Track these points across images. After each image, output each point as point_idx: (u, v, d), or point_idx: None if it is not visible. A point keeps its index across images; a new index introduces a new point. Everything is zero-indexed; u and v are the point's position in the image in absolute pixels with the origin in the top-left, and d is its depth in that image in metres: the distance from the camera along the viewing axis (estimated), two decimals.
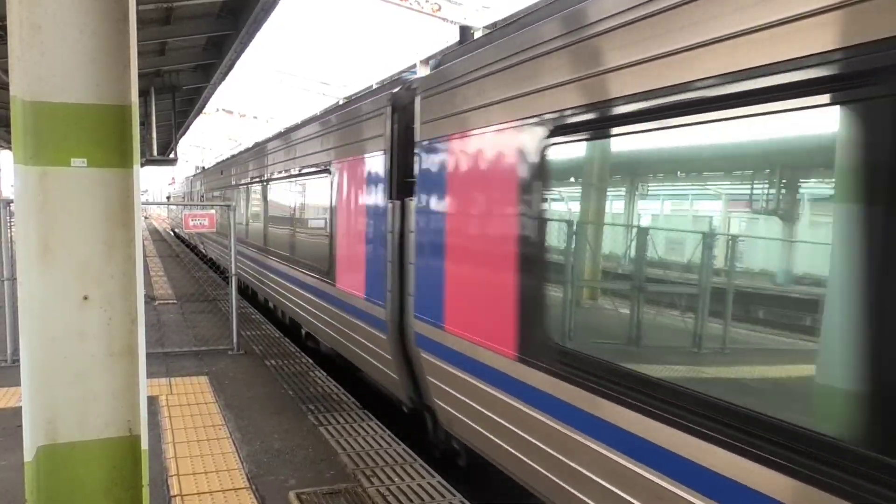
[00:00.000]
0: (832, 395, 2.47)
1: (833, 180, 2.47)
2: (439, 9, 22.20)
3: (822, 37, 2.35)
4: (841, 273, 2.39)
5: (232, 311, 9.64)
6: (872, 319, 2.26)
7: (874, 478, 2.21)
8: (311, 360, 9.05)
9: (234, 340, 9.47)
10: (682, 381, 3.00)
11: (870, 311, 2.27)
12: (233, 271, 9.87)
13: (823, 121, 2.47)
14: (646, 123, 3.15)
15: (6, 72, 3.35)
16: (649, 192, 3.43)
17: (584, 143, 3.73)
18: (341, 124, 7.78)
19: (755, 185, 2.87)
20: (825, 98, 2.39)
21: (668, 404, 2.99)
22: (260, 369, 8.51)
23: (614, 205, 3.73)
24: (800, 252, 2.70)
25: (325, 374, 8.35)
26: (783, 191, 2.71)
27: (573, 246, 3.94)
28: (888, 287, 2.22)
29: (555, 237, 4.02)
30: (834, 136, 2.42)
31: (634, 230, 3.46)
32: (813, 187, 2.75)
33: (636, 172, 3.48)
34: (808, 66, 2.40)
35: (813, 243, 2.64)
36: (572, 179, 4.07)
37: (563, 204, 4.02)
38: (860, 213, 2.29)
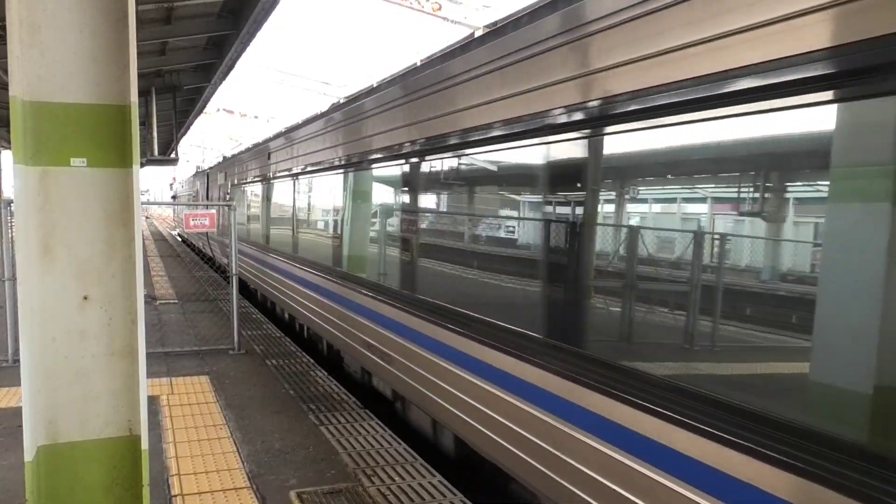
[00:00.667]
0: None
1: None
2: (440, 8, 22.19)
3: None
4: None
5: (233, 311, 9.64)
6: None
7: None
8: (311, 360, 9.06)
9: (235, 340, 9.48)
10: None
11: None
12: (233, 271, 9.87)
13: None
14: None
15: (6, 72, 3.36)
16: None
17: None
18: None
19: None
20: None
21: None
22: (261, 369, 8.52)
23: None
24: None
25: (325, 373, 8.35)
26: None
27: None
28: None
29: None
30: None
31: None
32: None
33: None
34: None
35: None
36: None
37: None
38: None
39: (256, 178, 14.43)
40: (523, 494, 4.80)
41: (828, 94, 2.63)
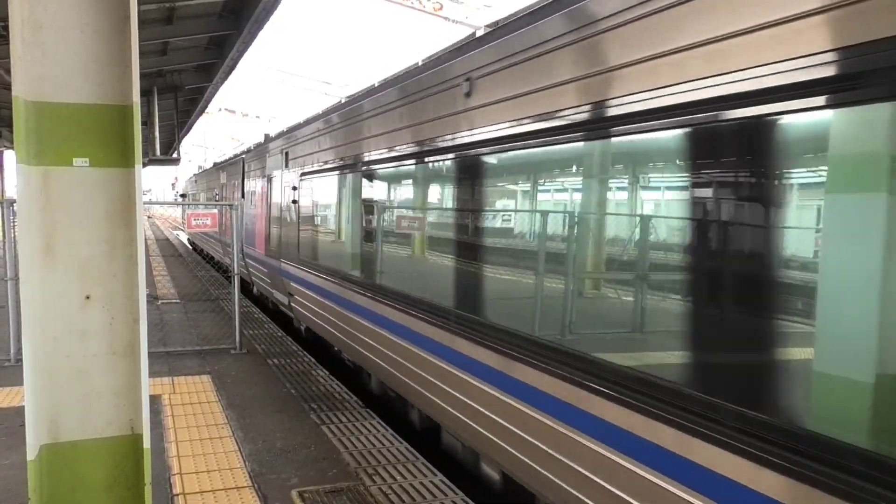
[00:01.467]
0: None
1: None
2: (441, 8, 22.21)
3: None
4: None
5: (234, 311, 9.65)
6: None
7: None
8: (313, 359, 9.07)
9: (237, 339, 9.49)
10: None
11: None
12: (235, 271, 9.88)
13: None
14: None
15: (8, 72, 3.37)
16: None
17: None
18: None
19: None
20: None
21: None
22: (262, 368, 8.52)
23: None
24: None
25: (327, 372, 8.36)
26: None
27: None
28: None
29: None
30: None
31: None
32: None
33: None
34: None
35: None
36: None
37: None
38: None
39: (391, 156, 6.67)
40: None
41: None
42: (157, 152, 16.36)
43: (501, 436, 4.70)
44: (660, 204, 3.77)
